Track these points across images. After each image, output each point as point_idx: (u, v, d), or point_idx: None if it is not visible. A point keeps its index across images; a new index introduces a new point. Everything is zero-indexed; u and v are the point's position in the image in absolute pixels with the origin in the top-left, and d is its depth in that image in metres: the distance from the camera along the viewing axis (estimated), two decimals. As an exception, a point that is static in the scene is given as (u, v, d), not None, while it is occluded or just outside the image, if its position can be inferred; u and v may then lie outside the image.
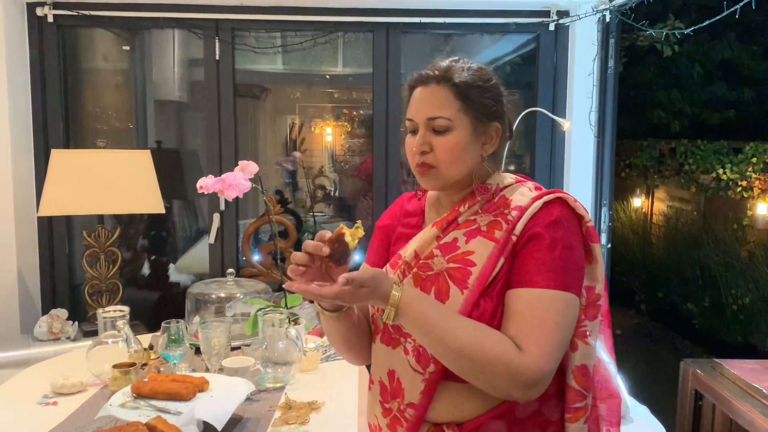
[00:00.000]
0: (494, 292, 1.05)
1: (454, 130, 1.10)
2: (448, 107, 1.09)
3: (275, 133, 4.55)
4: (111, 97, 3.82)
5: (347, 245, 1.01)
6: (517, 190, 1.14)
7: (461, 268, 1.07)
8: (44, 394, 1.74)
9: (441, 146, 1.10)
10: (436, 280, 1.09)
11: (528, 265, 1.04)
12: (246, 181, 1.92)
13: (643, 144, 6.81)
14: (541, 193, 1.11)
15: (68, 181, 2.39)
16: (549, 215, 1.06)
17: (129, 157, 2.54)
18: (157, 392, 1.52)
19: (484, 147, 1.14)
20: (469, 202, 1.14)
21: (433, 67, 1.13)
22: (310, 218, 4.09)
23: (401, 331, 1.11)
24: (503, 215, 1.10)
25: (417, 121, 1.12)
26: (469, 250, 1.08)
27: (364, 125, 4.31)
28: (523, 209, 1.09)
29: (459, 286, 1.06)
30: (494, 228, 1.09)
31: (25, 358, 2.30)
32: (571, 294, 1.03)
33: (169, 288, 3.55)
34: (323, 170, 4.31)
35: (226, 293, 2.34)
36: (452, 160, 1.10)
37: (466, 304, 1.05)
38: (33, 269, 2.87)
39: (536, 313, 1.01)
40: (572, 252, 1.05)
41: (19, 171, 2.76)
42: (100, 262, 2.56)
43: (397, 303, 0.98)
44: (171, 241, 3.94)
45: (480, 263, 1.06)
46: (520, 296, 1.03)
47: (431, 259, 1.11)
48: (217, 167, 3.03)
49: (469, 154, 1.12)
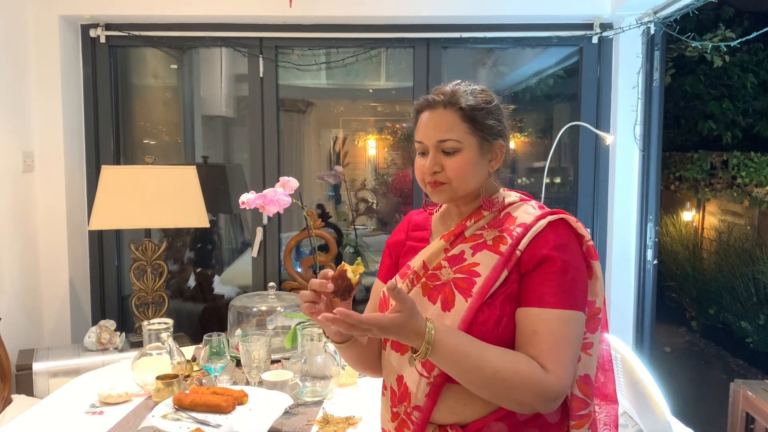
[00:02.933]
0: (497, 302, 1.12)
1: (462, 151, 1.17)
2: (456, 129, 1.17)
3: (319, 147, 4.60)
4: (160, 113, 3.94)
5: (350, 281, 1.08)
6: (521, 207, 1.21)
7: (467, 278, 1.15)
8: (91, 404, 1.79)
9: (451, 165, 1.17)
10: (443, 290, 1.16)
11: (543, 286, 1.11)
12: (286, 197, 1.95)
13: (694, 156, 6.63)
14: (544, 213, 1.18)
15: (117, 196, 2.47)
16: (556, 237, 1.14)
17: (175, 173, 2.62)
18: (198, 404, 1.55)
19: (491, 163, 1.22)
20: (475, 218, 1.22)
21: (439, 92, 1.20)
22: (352, 231, 4.12)
23: None
24: (508, 231, 1.17)
25: (427, 144, 1.19)
26: (475, 262, 1.15)
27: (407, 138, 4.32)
28: (528, 227, 1.16)
29: (463, 295, 1.13)
30: (499, 242, 1.16)
31: (75, 367, 2.38)
32: (580, 312, 1.12)
33: (213, 300, 3.62)
34: (365, 183, 4.34)
35: (267, 306, 2.37)
36: (462, 177, 1.18)
37: (470, 311, 1.11)
38: (84, 281, 2.97)
39: (555, 333, 1.08)
40: (580, 272, 1.14)
41: (72, 186, 2.87)
42: (146, 275, 2.63)
43: (432, 338, 1.02)
44: (216, 253, 4.02)
45: (484, 273, 1.14)
46: (539, 317, 1.10)
47: (439, 270, 1.18)
48: (261, 181, 3.08)
49: (477, 171, 1.19)
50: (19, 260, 2.64)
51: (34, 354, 2.46)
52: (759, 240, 5.66)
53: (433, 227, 1.31)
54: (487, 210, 1.21)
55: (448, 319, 1.13)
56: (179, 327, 2.92)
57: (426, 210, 1.34)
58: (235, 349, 2.10)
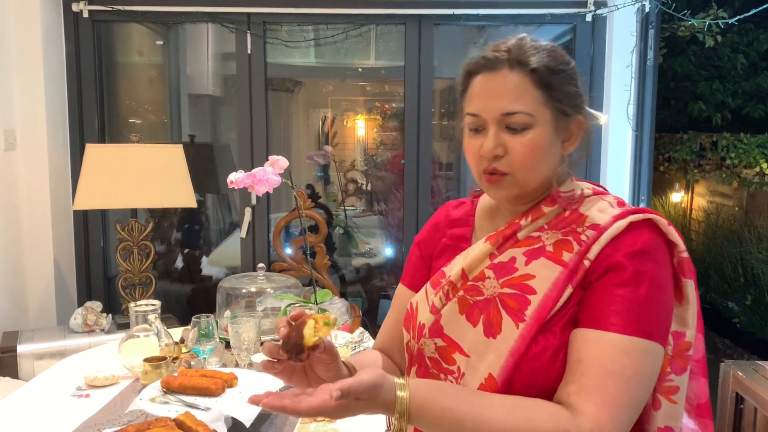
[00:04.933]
0: (557, 328, 0.87)
1: (534, 128, 0.90)
2: (527, 99, 0.89)
3: (308, 127, 4.56)
4: (145, 92, 3.87)
5: (302, 340, 0.83)
6: (596, 204, 0.94)
7: (518, 296, 0.90)
8: (77, 387, 1.76)
9: (519, 148, 0.90)
10: (486, 308, 0.92)
11: (603, 302, 0.85)
12: (276, 177, 1.90)
13: (683, 137, 6.63)
14: (625, 211, 0.91)
15: (102, 175, 2.42)
16: (635, 242, 0.87)
17: (161, 151, 2.56)
18: (186, 387, 1.52)
19: (564, 145, 0.95)
20: (532, 215, 0.95)
21: (499, 48, 0.92)
22: (341, 212, 4.09)
23: (441, 366, 0.96)
24: (575, 234, 0.91)
25: (485, 117, 0.91)
26: (530, 274, 0.90)
27: (396, 119, 4.28)
28: (602, 229, 0.89)
29: (514, 318, 0.88)
30: (562, 249, 0.90)
31: (61, 349, 2.34)
32: (653, 343, 0.84)
33: (201, 281, 3.58)
34: (355, 164, 4.30)
35: (256, 288, 2.33)
36: (532, 165, 0.91)
37: (522, 339, 0.87)
38: (69, 262, 2.92)
39: (605, 365, 0.82)
40: (661, 291, 0.86)
41: (56, 165, 2.81)
42: (133, 256, 2.58)
43: (406, 408, 0.79)
44: (204, 234, 3.98)
45: (542, 291, 0.88)
46: (589, 341, 0.84)
47: (482, 281, 0.94)
48: (249, 161, 3.04)
49: (550, 157, 0.93)
50: (2, 240, 2.58)
51: (18, 336, 2.41)
52: (747, 221, 5.69)
53: (477, 224, 1.06)
54: (565, 207, 0.94)
55: (492, 350, 0.89)
56: (167, 308, 2.88)
57: (471, 200, 1.08)
58: (224, 330, 2.07)
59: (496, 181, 0.93)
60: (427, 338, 0.98)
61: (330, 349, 0.86)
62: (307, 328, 0.83)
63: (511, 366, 0.87)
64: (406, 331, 1.03)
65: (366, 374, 0.78)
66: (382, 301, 3.92)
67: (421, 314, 1.00)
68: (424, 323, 0.98)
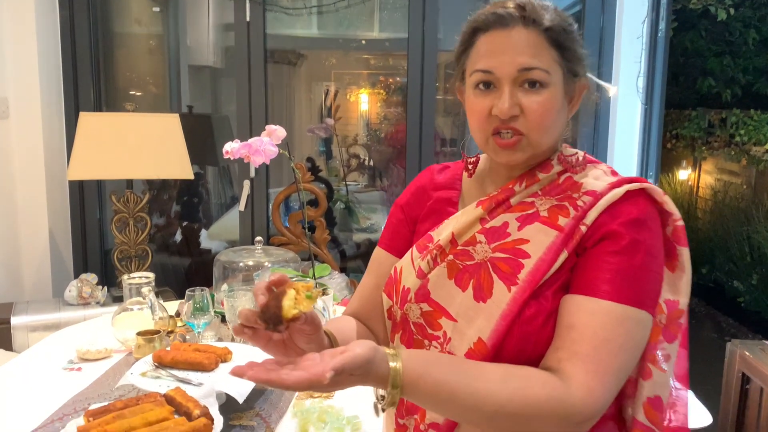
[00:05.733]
0: (550, 292, 0.85)
1: (549, 87, 0.87)
2: (543, 56, 0.87)
3: (310, 101, 4.48)
4: (144, 62, 3.79)
5: (280, 310, 0.76)
6: (590, 171, 0.93)
7: (511, 260, 0.88)
8: (69, 360, 1.72)
9: (536, 107, 0.86)
10: (477, 272, 0.90)
11: (598, 269, 0.84)
12: (273, 147, 1.84)
13: (692, 114, 6.53)
14: (620, 180, 0.90)
15: (97, 144, 2.36)
16: (631, 210, 0.86)
17: (157, 121, 2.50)
18: (179, 362, 1.48)
19: (569, 108, 0.94)
20: (527, 181, 0.93)
21: (507, 5, 0.88)
22: (343, 187, 4.03)
23: (426, 331, 0.94)
24: (571, 199, 0.89)
25: (499, 74, 0.87)
26: (523, 239, 0.88)
27: (400, 93, 4.21)
28: (599, 195, 0.88)
29: (506, 282, 0.87)
30: (558, 214, 0.88)
31: (55, 321, 2.31)
32: (645, 312, 0.84)
33: (200, 255, 3.54)
34: (357, 139, 4.24)
35: (254, 261, 2.29)
36: (547, 126, 0.88)
37: (513, 303, 0.85)
38: (65, 233, 2.87)
39: (599, 332, 0.81)
40: (654, 260, 0.85)
41: (50, 134, 2.74)
42: (129, 228, 2.54)
43: (400, 379, 0.76)
44: (204, 207, 3.93)
45: (536, 255, 0.86)
46: (581, 307, 0.83)
47: (473, 245, 0.92)
48: (248, 134, 2.97)
49: (560, 118, 0.91)
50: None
51: (12, 308, 2.38)
52: (755, 199, 5.61)
53: (465, 189, 1.03)
54: (570, 170, 0.92)
55: (482, 314, 0.87)
56: (165, 281, 2.85)
57: (467, 167, 1.02)
58: (221, 304, 2.03)
59: (512, 145, 0.89)
60: (412, 303, 0.95)
61: (312, 320, 0.81)
62: (287, 299, 0.76)
63: (503, 330, 0.85)
64: (388, 297, 1.00)
65: (359, 348, 0.74)
66: (383, 276, 3.87)
67: (405, 279, 0.97)
68: (409, 288, 0.96)
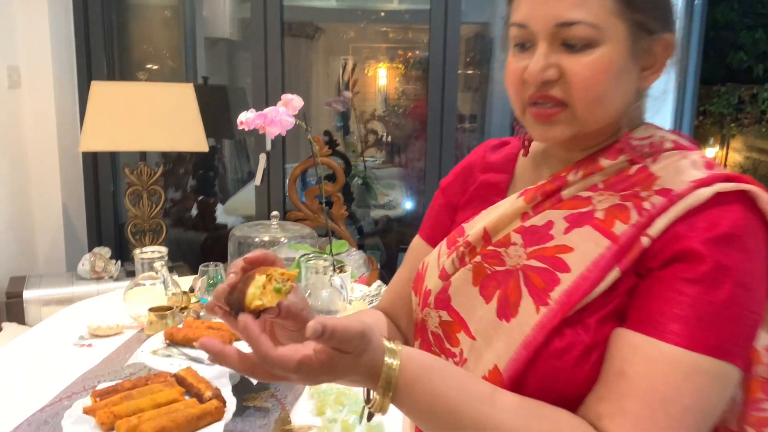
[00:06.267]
0: (593, 320, 0.66)
1: (601, 45, 0.67)
2: (592, 5, 0.66)
3: (328, 76, 4.40)
4: (159, 33, 3.72)
5: (243, 297, 0.63)
6: (674, 162, 0.70)
7: (546, 271, 0.69)
8: (80, 335, 1.68)
9: (580, 71, 0.67)
10: (505, 282, 0.72)
11: (665, 300, 0.63)
12: (289, 117, 1.76)
13: (721, 90, 6.34)
14: (712, 176, 0.67)
15: (109, 115, 2.29)
16: (720, 222, 0.63)
17: (171, 90, 2.42)
18: (191, 340, 1.42)
19: (643, 75, 0.71)
20: (585, 169, 0.73)
21: None
22: (361, 163, 3.96)
23: (443, 345, 0.78)
24: (637, 199, 0.68)
25: (534, 29, 0.69)
26: (566, 246, 0.69)
27: (419, 67, 4.11)
28: (674, 197, 0.66)
29: (535, 299, 0.68)
30: (616, 217, 0.68)
31: (68, 295, 2.27)
32: (728, 364, 0.62)
33: (215, 230, 3.49)
34: (375, 114, 4.16)
35: (270, 237, 2.23)
36: (597, 96, 0.68)
37: (539, 328, 0.67)
38: (79, 206, 2.82)
39: (658, 387, 0.61)
40: (748, 294, 0.63)
41: (63, 105, 2.68)
42: (142, 201, 2.48)
43: (394, 379, 0.61)
44: (220, 182, 3.88)
45: (577, 269, 0.67)
46: (639, 350, 0.63)
47: (506, 247, 0.74)
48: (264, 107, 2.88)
49: (621, 87, 0.70)
50: (9, 183, 2.48)
51: (25, 281, 2.34)
52: (785, 179, 5.46)
53: (518, 173, 0.84)
54: (636, 160, 0.70)
55: (503, 336, 0.70)
56: (180, 256, 2.80)
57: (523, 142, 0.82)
58: (235, 280, 1.97)
59: (548, 117, 0.70)
60: (431, 308, 0.80)
61: (295, 314, 0.67)
62: (253, 286, 0.63)
63: (523, 361, 0.67)
64: (415, 295, 0.85)
65: (353, 322, 0.60)
66: (400, 254, 3.82)
67: (428, 278, 0.82)
68: (430, 290, 0.81)
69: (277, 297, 0.64)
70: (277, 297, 0.64)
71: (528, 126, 0.74)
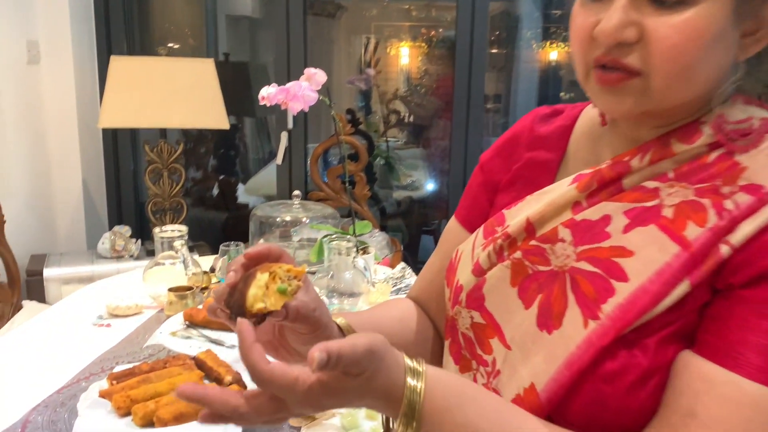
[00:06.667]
0: (653, 341, 0.55)
1: (698, 2, 0.53)
2: None
3: (349, 55, 4.33)
4: (179, 10, 3.66)
5: (244, 299, 0.55)
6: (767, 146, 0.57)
7: (599, 278, 0.58)
8: (99, 315, 1.65)
9: (667, 33, 0.54)
10: (549, 285, 0.62)
11: (747, 328, 0.53)
12: (312, 92, 1.70)
13: None
14: None
15: (128, 91, 2.25)
16: None
17: (191, 66, 2.37)
18: (211, 321, 1.38)
19: (743, 43, 0.58)
20: (654, 153, 0.60)
21: None
22: (383, 143, 3.90)
23: (474, 350, 0.68)
24: (717, 196, 0.56)
25: None
26: (626, 248, 0.58)
27: (442, 46, 4.02)
28: (765, 197, 0.54)
29: (584, 310, 0.58)
30: (689, 217, 0.56)
31: (88, 274, 2.24)
32: None
33: (237, 209, 3.46)
34: (397, 93, 4.09)
35: (291, 217, 2.19)
36: (684, 65, 0.55)
37: (587, 346, 0.56)
38: (99, 184, 2.79)
39: (732, 428, 0.51)
40: None
41: (82, 80, 2.64)
42: (162, 179, 2.44)
43: (418, 408, 0.51)
44: (241, 161, 3.84)
45: (637, 279, 0.56)
46: (713, 385, 0.53)
47: (552, 243, 0.63)
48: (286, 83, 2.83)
49: (715, 56, 0.56)
50: (29, 160, 2.45)
51: (46, 259, 2.32)
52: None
53: (572, 149, 0.71)
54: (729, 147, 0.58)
55: (543, 350, 0.60)
56: (201, 236, 2.77)
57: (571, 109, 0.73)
58: (256, 261, 1.93)
59: (617, 82, 0.57)
60: (462, 307, 0.70)
61: (304, 315, 0.59)
62: (254, 287, 0.55)
63: (566, 382, 0.57)
64: (447, 286, 0.75)
65: (360, 339, 0.50)
66: (423, 236, 3.76)
67: (461, 271, 0.72)
68: (462, 285, 0.70)
69: (281, 299, 0.56)
70: (282, 299, 0.56)
71: (591, 94, 0.62)
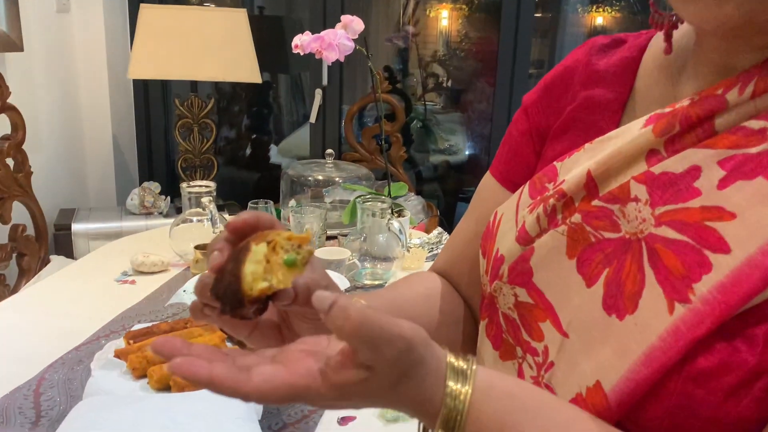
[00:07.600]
0: (760, 332, 0.42)
1: None
2: None
3: (388, 16, 4.18)
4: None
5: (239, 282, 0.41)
6: None
7: (688, 247, 0.44)
8: (123, 271, 1.59)
9: None
10: (618, 258, 0.48)
11: None
12: (349, 41, 1.59)
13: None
14: None
15: (158, 41, 2.16)
16: None
17: (223, 16, 2.26)
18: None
19: None
20: (759, 81, 0.45)
21: None
22: (420, 106, 3.77)
23: (519, 334, 0.55)
24: None
25: None
26: (724, 209, 0.44)
27: (484, 9, 3.85)
28: None
29: (669, 290, 0.44)
30: None
31: (116, 230, 2.19)
32: None
33: (268, 170, 3.39)
34: (437, 56, 3.94)
35: (324, 176, 2.10)
36: None
37: (675, 337, 0.43)
38: (130, 138, 2.73)
39: None
40: None
41: (113, 30, 2.55)
42: (193, 135, 2.37)
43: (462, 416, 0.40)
44: (275, 122, 3.76)
45: (742, 250, 0.42)
46: None
47: (622, 203, 0.49)
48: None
49: None
50: (59, 112, 2.39)
51: (75, 214, 2.28)
52: None
53: (640, 84, 0.56)
54: None
55: (612, 338, 0.47)
56: (233, 195, 2.70)
57: (665, 31, 0.54)
58: (287, 221, 1.85)
59: None
60: (503, 282, 0.56)
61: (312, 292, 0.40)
62: (250, 262, 0.41)
63: (644, 383, 0.44)
64: (482, 256, 0.61)
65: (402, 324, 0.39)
66: (459, 203, 3.64)
67: (501, 238, 0.58)
68: (503, 255, 0.57)
69: (290, 273, 0.42)
70: (291, 273, 0.42)
71: (676, 2, 0.46)
